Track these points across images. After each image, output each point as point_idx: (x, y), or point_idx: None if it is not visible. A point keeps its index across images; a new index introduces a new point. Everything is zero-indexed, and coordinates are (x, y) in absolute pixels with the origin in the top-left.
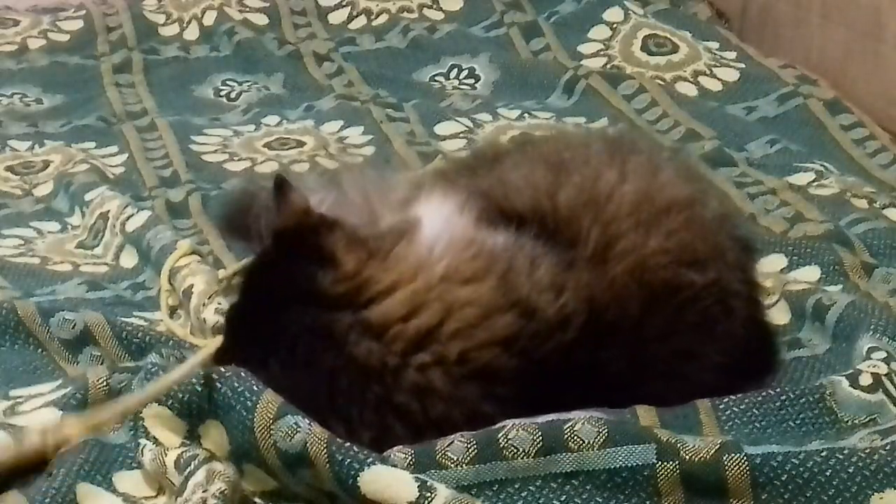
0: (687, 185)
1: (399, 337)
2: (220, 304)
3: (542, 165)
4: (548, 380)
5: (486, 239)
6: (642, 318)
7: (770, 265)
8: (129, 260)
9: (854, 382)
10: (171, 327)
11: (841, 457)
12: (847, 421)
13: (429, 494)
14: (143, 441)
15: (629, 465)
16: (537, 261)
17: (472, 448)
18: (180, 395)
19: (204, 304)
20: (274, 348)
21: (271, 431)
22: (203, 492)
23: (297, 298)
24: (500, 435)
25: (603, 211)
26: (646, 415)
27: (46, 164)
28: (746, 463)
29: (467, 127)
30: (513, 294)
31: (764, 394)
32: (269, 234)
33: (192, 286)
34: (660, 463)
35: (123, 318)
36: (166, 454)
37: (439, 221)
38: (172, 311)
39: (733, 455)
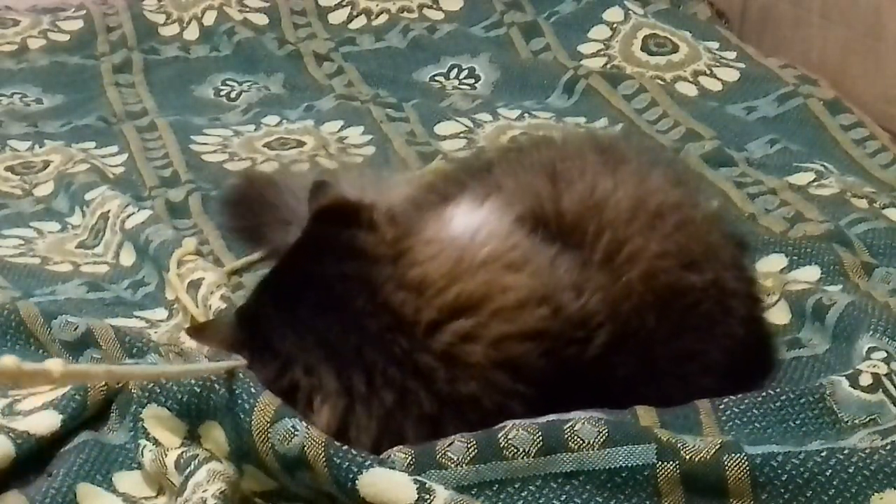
0: (675, 189)
1: (439, 295)
2: (224, 293)
3: (539, 173)
4: (567, 387)
5: (521, 235)
6: (656, 324)
7: (770, 265)
8: (127, 257)
9: (854, 382)
10: (186, 303)
11: (841, 457)
12: (847, 421)
13: (428, 496)
14: (142, 441)
15: (629, 465)
16: (556, 261)
17: (472, 448)
18: (179, 396)
19: (212, 293)
20: (304, 293)
21: (269, 434)
22: (203, 492)
23: (332, 252)
24: (500, 435)
25: (604, 217)
26: (646, 415)
27: (46, 164)
28: (746, 463)
29: (467, 127)
30: (544, 289)
31: (764, 394)
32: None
33: (201, 278)
34: (660, 463)
35: (125, 320)
36: (166, 454)
37: (475, 218)
38: (173, 302)
39: (733, 455)
